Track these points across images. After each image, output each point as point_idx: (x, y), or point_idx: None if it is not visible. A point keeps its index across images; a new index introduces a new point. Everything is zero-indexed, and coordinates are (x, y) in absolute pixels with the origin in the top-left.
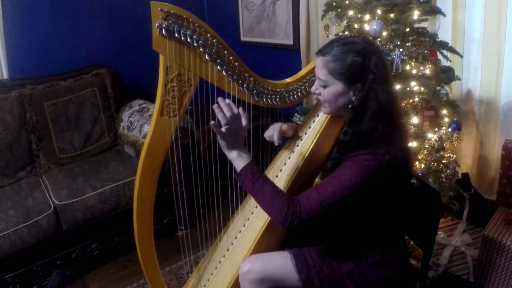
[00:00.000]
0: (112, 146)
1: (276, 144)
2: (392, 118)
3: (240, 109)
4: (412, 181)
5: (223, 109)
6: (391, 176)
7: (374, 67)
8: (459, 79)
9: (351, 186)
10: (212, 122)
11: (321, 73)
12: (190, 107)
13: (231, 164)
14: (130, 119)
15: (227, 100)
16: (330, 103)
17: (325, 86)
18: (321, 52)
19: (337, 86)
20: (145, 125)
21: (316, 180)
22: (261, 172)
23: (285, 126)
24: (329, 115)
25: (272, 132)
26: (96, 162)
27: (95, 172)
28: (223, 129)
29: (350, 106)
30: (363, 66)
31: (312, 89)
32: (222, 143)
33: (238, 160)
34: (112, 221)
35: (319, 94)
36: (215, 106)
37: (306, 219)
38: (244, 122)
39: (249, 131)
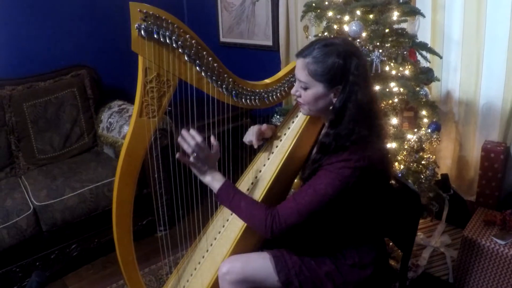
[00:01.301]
0: (92, 147)
1: (255, 147)
2: (371, 119)
3: (212, 138)
4: (391, 182)
5: (187, 139)
6: (368, 180)
7: (355, 69)
8: (438, 80)
9: (327, 195)
10: (177, 154)
11: (302, 75)
12: (169, 108)
13: None
14: (110, 120)
15: (192, 131)
16: (310, 105)
17: (305, 88)
18: (301, 53)
19: (317, 88)
20: (124, 126)
21: (295, 181)
22: (236, 190)
23: (264, 127)
24: (309, 117)
25: (251, 137)
26: (76, 163)
27: (74, 173)
28: (190, 159)
29: (331, 108)
30: (344, 68)
31: (292, 91)
32: (193, 170)
33: (212, 183)
34: (92, 222)
35: (299, 96)
36: (179, 139)
37: (286, 228)
38: (214, 149)
39: (228, 131)
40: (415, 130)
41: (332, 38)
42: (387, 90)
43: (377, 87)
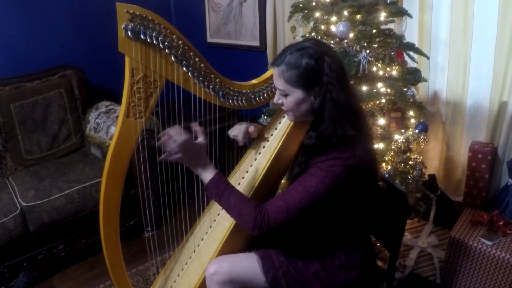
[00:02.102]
0: (79, 147)
1: (240, 144)
2: (354, 119)
3: (196, 126)
4: (378, 182)
5: (168, 142)
6: (357, 179)
7: (327, 69)
8: (425, 80)
9: (317, 192)
10: (160, 157)
11: (279, 84)
12: (156, 109)
13: None
14: (97, 120)
15: (174, 128)
16: (294, 111)
17: (285, 95)
18: (275, 62)
19: (297, 94)
20: (111, 126)
21: (282, 181)
22: (227, 183)
23: (251, 128)
24: None
25: (237, 132)
26: (63, 163)
27: (61, 174)
28: (175, 157)
29: (311, 110)
30: (317, 69)
31: (274, 100)
32: (184, 164)
33: (203, 175)
34: (79, 222)
35: (282, 104)
36: (161, 141)
37: (275, 226)
38: (200, 138)
39: (215, 132)
40: (403, 130)
41: (302, 41)
42: (375, 90)
43: (364, 88)
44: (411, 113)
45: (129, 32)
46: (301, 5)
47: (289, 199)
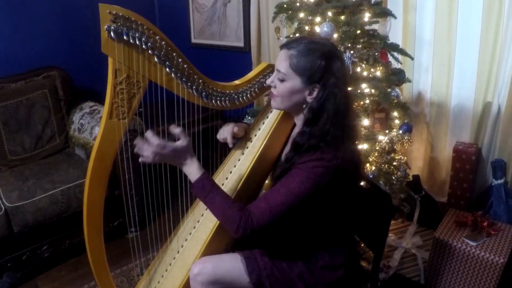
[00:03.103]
0: (63, 148)
1: (230, 146)
2: (345, 121)
3: (172, 127)
4: (362, 183)
5: (143, 148)
6: (340, 180)
7: (337, 71)
8: (410, 81)
9: (300, 194)
10: (140, 159)
11: (282, 66)
12: (140, 109)
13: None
14: (81, 121)
15: (148, 133)
16: (283, 99)
17: (282, 80)
18: (287, 45)
19: (295, 82)
20: (95, 127)
21: (266, 181)
22: (213, 184)
23: (236, 129)
24: (279, 117)
25: (225, 135)
26: (47, 164)
27: (46, 174)
28: (156, 159)
29: (307, 106)
30: (326, 68)
31: (268, 81)
32: (170, 164)
33: (189, 175)
34: (63, 223)
35: (274, 86)
36: (135, 150)
37: (259, 228)
38: (181, 140)
39: (199, 133)
40: (387, 131)
41: (321, 38)
42: (359, 91)
43: (348, 89)
44: (395, 113)
45: (112, 33)
46: (285, 5)
47: (272, 201)
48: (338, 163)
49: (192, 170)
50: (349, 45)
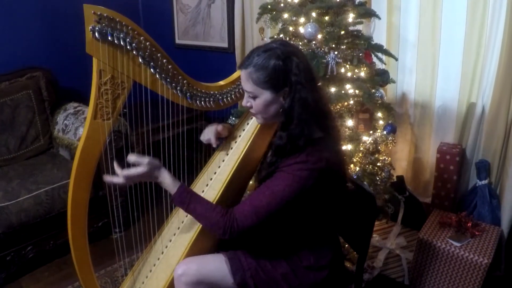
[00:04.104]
0: (47, 149)
1: (214, 146)
2: (323, 120)
3: (131, 158)
4: (346, 184)
5: (113, 181)
6: (325, 182)
7: (296, 69)
8: (394, 82)
9: (285, 197)
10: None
11: (247, 86)
12: (124, 110)
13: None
14: (65, 122)
15: (115, 165)
16: (262, 113)
17: (254, 97)
18: (242, 65)
19: (265, 95)
20: (80, 128)
21: (250, 183)
22: (192, 194)
23: (220, 127)
24: None
25: (209, 135)
26: (31, 165)
27: (30, 175)
28: (131, 183)
29: (281, 110)
30: (285, 70)
31: (243, 103)
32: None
33: (168, 188)
34: (47, 224)
35: (251, 107)
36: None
37: (244, 230)
38: (140, 166)
39: (183, 134)
40: (371, 132)
41: (269, 43)
42: (343, 92)
43: (332, 89)
44: (379, 114)
45: (96, 34)
46: (269, 6)
47: (257, 203)
48: (322, 165)
49: (167, 185)
50: (333, 45)
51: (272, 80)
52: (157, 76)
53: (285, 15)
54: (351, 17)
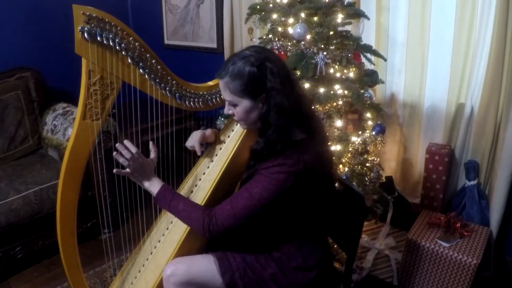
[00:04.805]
0: (36, 149)
1: (198, 153)
2: (305, 122)
3: (151, 144)
4: (334, 184)
5: (123, 152)
6: (305, 183)
7: (270, 75)
8: (383, 82)
9: (262, 199)
10: (115, 170)
11: (226, 95)
12: (113, 110)
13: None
14: (54, 122)
15: (125, 141)
16: (245, 120)
17: (234, 106)
18: (219, 75)
19: (244, 103)
20: (68, 128)
21: (239, 183)
22: (174, 192)
23: (208, 131)
24: None
25: (193, 142)
26: (20, 165)
27: (19, 176)
28: (127, 170)
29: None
30: (260, 75)
31: (225, 111)
32: (132, 178)
33: (150, 188)
34: (36, 224)
35: (233, 114)
36: (114, 153)
37: (224, 229)
38: (152, 155)
39: (172, 134)
40: (360, 132)
41: (243, 50)
42: (332, 92)
43: (321, 90)
44: (368, 115)
45: (85, 34)
46: (258, 7)
47: (236, 204)
48: (300, 168)
49: (153, 184)
50: (322, 46)
51: (248, 88)
52: (146, 76)
53: (274, 16)
54: (340, 17)
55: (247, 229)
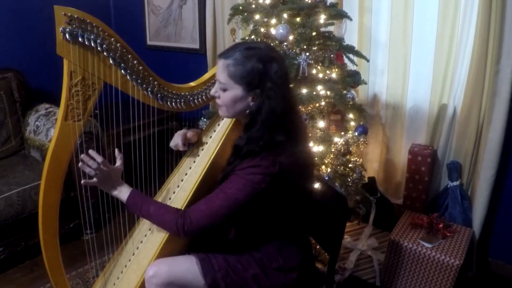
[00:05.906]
0: (19, 150)
1: (181, 149)
2: (288, 126)
3: (116, 151)
4: (316, 185)
5: (88, 163)
6: (280, 185)
7: (273, 75)
8: (365, 83)
9: (237, 200)
10: (82, 181)
11: (221, 76)
12: (95, 111)
13: (135, 168)
14: (37, 123)
15: (90, 151)
16: (228, 107)
17: (224, 90)
18: (223, 55)
19: (236, 91)
20: (51, 129)
21: None
22: (143, 197)
23: (189, 134)
24: (232, 123)
25: (177, 141)
26: (2, 166)
27: (1, 177)
28: (94, 180)
29: (247, 111)
30: (262, 72)
31: (212, 91)
32: (100, 187)
33: (119, 196)
34: (19, 225)
35: (218, 97)
36: (80, 164)
37: (198, 230)
38: (118, 162)
39: (154, 135)
40: (342, 133)
41: (257, 42)
42: (314, 93)
43: (304, 90)
44: (350, 115)
45: (67, 35)
46: (240, 7)
47: (211, 204)
48: (275, 170)
49: (122, 190)
50: (305, 47)
51: (247, 78)
52: (128, 77)
53: (257, 16)
54: (322, 18)
55: (226, 229)
